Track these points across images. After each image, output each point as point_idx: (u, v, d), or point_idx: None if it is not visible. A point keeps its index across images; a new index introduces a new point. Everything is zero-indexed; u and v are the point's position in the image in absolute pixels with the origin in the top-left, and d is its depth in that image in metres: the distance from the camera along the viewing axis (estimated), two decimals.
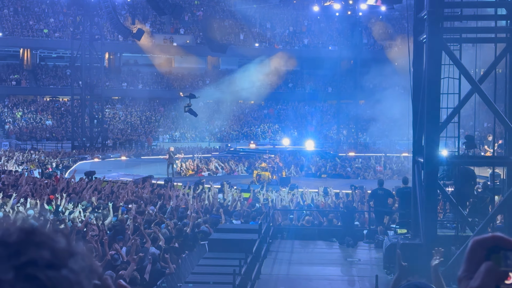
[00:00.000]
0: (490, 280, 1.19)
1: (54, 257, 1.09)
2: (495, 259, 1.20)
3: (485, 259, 1.21)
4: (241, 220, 17.41)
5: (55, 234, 1.13)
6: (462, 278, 1.24)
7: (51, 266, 1.08)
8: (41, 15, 57.61)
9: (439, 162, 12.43)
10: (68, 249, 1.12)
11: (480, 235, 1.24)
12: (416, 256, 12.21)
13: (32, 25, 56.36)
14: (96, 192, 20.21)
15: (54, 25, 57.09)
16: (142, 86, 58.25)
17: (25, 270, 1.06)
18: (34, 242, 1.09)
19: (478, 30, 13.62)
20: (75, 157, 40.51)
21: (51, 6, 58.24)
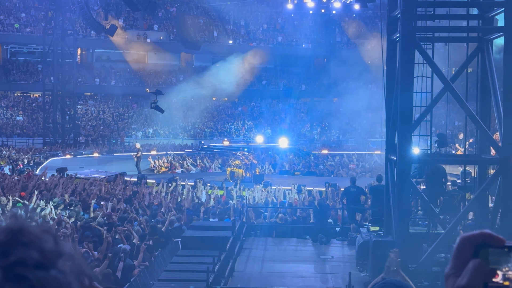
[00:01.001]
0: (478, 277, 1.19)
1: (42, 257, 1.08)
2: (483, 257, 1.20)
3: (473, 257, 1.21)
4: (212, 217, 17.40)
5: (43, 233, 1.11)
6: (450, 275, 1.24)
7: (40, 266, 1.06)
8: (12, 9, 56.82)
9: (412, 160, 12.54)
10: (56, 249, 1.11)
11: (468, 232, 1.24)
12: (388, 254, 12.31)
13: (2, 19, 55.58)
14: (68, 189, 20.02)
15: (25, 19, 56.37)
16: (115, 82, 57.83)
17: (13, 270, 1.04)
18: (22, 242, 1.08)
19: (451, 29, 13.76)
20: (46, 154, 40.05)
21: (22, 0, 57.47)
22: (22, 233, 1.09)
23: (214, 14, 62.05)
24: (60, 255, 1.10)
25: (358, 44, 58.94)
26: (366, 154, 38.79)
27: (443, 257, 12.18)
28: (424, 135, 13.49)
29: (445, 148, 15.19)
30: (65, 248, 1.13)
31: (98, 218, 15.02)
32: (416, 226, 13.44)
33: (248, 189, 22.69)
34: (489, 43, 12.76)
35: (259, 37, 61.65)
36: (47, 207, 16.35)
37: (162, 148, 45.13)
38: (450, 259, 1.26)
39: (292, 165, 35.24)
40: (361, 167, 34.39)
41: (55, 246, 1.11)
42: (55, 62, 46.85)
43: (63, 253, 1.11)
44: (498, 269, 1.19)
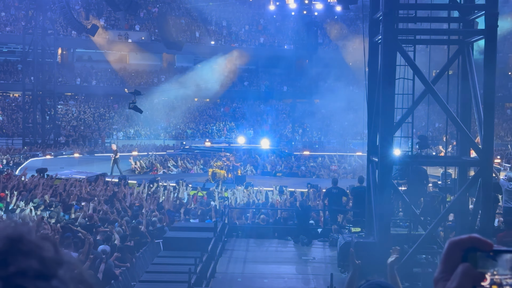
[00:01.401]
0: (467, 281, 1.19)
1: (43, 267, 1.05)
2: (472, 261, 1.21)
3: (462, 261, 1.22)
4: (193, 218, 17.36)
5: (43, 241, 1.08)
6: (439, 280, 1.25)
7: (41, 277, 1.03)
8: None
9: (393, 162, 12.61)
10: (57, 258, 1.08)
11: (457, 237, 1.25)
12: (370, 255, 12.35)
13: None
14: (48, 190, 19.86)
15: (5, 19, 55.85)
16: (96, 83, 57.50)
17: (13, 281, 1.01)
18: (22, 251, 1.05)
19: (432, 32, 13.85)
20: (26, 154, 39.73)
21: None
22: (21, 242, 1.06)
23: (196, 15, 61.95)
24: (61, 264, 1.08)
25: (340, 45, 59.16)
26: (347, 155, 38.93)
27: (424, 258, 12.26)
28: (406, 136, 13.57)
29: (426, 150, 15.28)
30: (66, 256, 1.10)
31: (79, 219, 14.92)
32: (397, 227, 13.51)
33: (230, 190, 22.68)
34: (469, 45, 12.87)
35: (241, 38, 61.66)
36: (27, 208, 16.21)
37: (144, 149, 44.95)
38: (439, 264, 1.26)
39: (273, 166, 35.28)
40: (343, 168, 34.51)
41: (55, 254, 1.08)
42: (35, 61, 46.48)
43: (64, 261, 1.09)
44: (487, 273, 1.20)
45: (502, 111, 57.63)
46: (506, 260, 1.20)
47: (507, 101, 59.40)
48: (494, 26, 11.81)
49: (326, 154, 39.77)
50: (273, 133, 51.37)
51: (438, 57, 15.59)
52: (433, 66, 14.26)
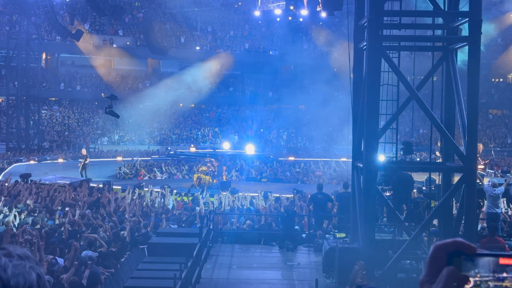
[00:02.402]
0: (452, 284, 1.23)
1: None
2: (456, 264, 1.24)
3: (447, 264, 1.25)
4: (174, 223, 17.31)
5: None
6: (425, 282, 1.28)
7: None
8: None
9: (378, 167, 12.67)
10: None
11: (442, 241, 1.28)
12: (354, 260, 12.39)
13: None
14: (32, 195, 19.73)
15: None
16: (80, 88, 57.24)
17: None
18: None
19: (416, 38, 13.97)
20: (9, 159, 39.44)
21: None
22: None
23: (181, 20, 61.92)
24: None
25: (325, 51, 59.37)
26: (332, 161, 39.03)
27: (408, 264, 12.32)
28: (390, 142, 13.65)
29: (411, 156, 15.37)
30: None
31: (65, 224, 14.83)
32: (382, 233, 13.57)
33: (215, 195, 22.66)
34: (453, 52, 12.98)
35: (227, 44, 61.69)
36: (11, 214, 16.08)
37: (128, 154, 44.80)
38: (424, 267, 1.30)
39: (259, 172, 35.29)
40: (328, 174, 34.60)
41: None
42: (19, 66, 46.22)
43: None
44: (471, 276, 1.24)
45: (486, 117, 58.10)
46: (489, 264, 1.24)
47: (490, 107, 59.91)
48: (478, 33, 11.93)
49: (311, 160, 39.84)
50: (258, 139, 51.40)
51: (422, 63, 15.68)
52: (417, 72, 14.36)
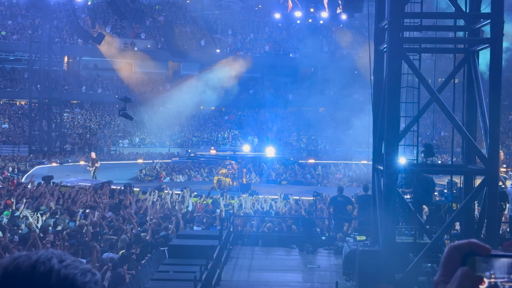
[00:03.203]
0: (466, 284, 1.23)
1: None
2: (471, 264, 1.25)
3: (461, 264, 1.26)
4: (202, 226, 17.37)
5: None
6: (439, 283, 1.29)
7: None
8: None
9: (398, 170, 12.60)
10: None
11: (457, 241, 1.29)
12: (375, 263, 12.35)
13: None
14: (54, 197, 19.91)
15: (12, 27, 56.12)
16: (101, 91, 57.66)
17: None
18: None
19: (437, 40, 13.88)
20: (32, 162, 39.84)
21: (9, 8, 57.23)
22: None
23: (201, 23, 62.15)
24: None
25: (345, 54, 59.24)
26: (352, 163, 38.91)
27: (429, 267, 12.23)
28: (411, 145, 13.57)
29: (432, 158, 15.27)
30: None
31: (86, 226, 14.95)
32: (403, 235, 13.49)
33: (235, 198, 22.70)
34: (475, 54, 12.89)
35: (247, 46, 61.79)
36: (35, 215, 16.26)
37: (149, 157, 45.03)
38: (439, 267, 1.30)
39: (278, 174, 35.28)
40: (348, 177, 34.49)
41: None
42: (41, 69, 46.69)
43: None
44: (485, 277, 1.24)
45: (508, 120, 57.56)
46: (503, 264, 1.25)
47: None
48: (500, 35, 11.83)
49: (331, 162, 39.76)
50: (278, 141, 51.40)
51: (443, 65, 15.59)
52: (438, 74, 14.27)
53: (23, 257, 1.44)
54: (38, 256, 1.44)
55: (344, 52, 60.02)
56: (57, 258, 1.44)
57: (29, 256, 1.44)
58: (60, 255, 1.46)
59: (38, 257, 1.43)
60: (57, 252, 1.47)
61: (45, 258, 1.44)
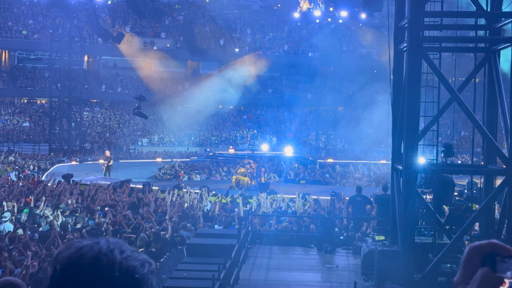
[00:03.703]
0: (486, 285, 1.22)
1: None
2: (491, 265, 1.24)
3: (482, 265, 1.25)
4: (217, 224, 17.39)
5: None
6: (459, 283, 1.28)
7: None
8: (20, 16, 57.10)
9: (418, 170, 12.53)
10: None
11: (477, 242, 1.28)
12: (393, 263, 12.29)
13: (10, 26, 55.84)
14: (74, 195, 20.05)
15: (33, 26, 56.63)
16: (121, 90, 57.99)
17: None
18: None
19: (458, 39, 13.77)
20: (52, 160, 40.16)
21: (30, 7, 57.76)
22: None
23: (220, 22, 62.24)
24: None
25: (364, 53, 59.01)
26: (371, 163, 38.76)
27: (449, 268, 12.15)
28: (431, 145, 13.49)
29: (452, 158, 15.17)
30: None
31: (104, 225, 15.04)
32: (422, 236, 13.41)
33: (254, 197, 22.70)
34: (496, 53, 12.78)
35: (266, 45, 61.79)
36: (54, 213, 16.38)
37: (168, 156, 45.20)
38: (458, 268, 1.29)
39: (297, 174, 35.24)
40: (367, 176, 34.36)
41: None
42: (62, 69, 47.04)
43: None
44: (506, 277, 1.23)
45: None
46: None
47: None
48: None
49: (350, 162, 39.63)
50: (296, 141, 51.33)
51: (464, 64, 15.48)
52: (459, 74, 14.17)
53: (86, 247, 1.45)
54: (100, 247, 1.45)
55: (363, 51, 59.79)
56: (118, 249, 1.46)
57: (92, 246, 1.46)
58: (120, 246, 1.48)
59: (100, 248, 1.45)
60: (114, 241, 1.49)
61: (107, 249, 1.45)
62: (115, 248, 1.46)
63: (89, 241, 1.47)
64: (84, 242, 1.47)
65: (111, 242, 1.48)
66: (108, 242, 1.47)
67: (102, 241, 1.47)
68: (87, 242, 1.47)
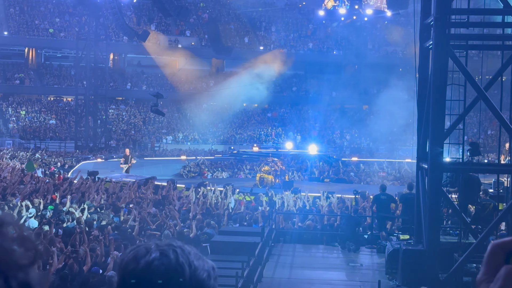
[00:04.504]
0: (510, 283, 1.20)
1: None
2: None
3: (505, 263, 1.22)
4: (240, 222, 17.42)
5: None
6: (482, 281, 1.26)
7: None
8: (47, 14, 57.69)
9: (444, 169, 12.42)
10: None
11: (500, 239, 1.25)
12: (418, 263, 12.21)
13: (37, 24, 56.45)
14: (99, 193, 20.22)
15: (59, 24, 57.17)
16: (146, 87, 58.29)
17: None
18: None
19: (485, 37, 13.62)
20: (78, 157, 40.52)
21: (57, 5, 58.33)
22: None
23: (245, 20, 62.26)
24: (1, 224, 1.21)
25: (390, 51, 58.62)
26: (396, 161, 38.50)
27: (474, 267, 12.03)
28: (456, 143, 13.36)
29: (478, 157, 15.01)
30: (7, 218, 1.22)
31: (129, 221, 15.14)
32: (447, 235, 13.30)
33: (277, 195, 22.68)
34: None
35: (290, 43, 61.68)
36: (79, 210, 16.54)
37: (192, 153, 45.35)
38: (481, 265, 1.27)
39: (321, 172, 35.14)
40: (392, 175, 34.15)
41: None
42: (88, 66, 47.46)
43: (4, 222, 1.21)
44: None
45: None
46: None
47: None
48: None
49: (375, 160, 39.42)
50: (321, 139, 51.17)
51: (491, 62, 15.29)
52: (486, 72, 14.01)
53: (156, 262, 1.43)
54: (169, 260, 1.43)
55: (388, 49, 59.38)
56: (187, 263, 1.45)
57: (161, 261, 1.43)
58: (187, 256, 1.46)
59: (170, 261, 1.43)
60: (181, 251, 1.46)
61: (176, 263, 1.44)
62: (184, 263, 1.44)
63: (157, 253, 1.44)
64: (153, 255, 1.43)
65: (179, 253, 1.45)
66: (176, 253, 1.45)
67: (170, 252, 1.44)
68: (156, 255, 1.43)
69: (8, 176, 23.40)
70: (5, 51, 56.98)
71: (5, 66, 56.38)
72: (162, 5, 40.51)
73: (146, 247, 1.47)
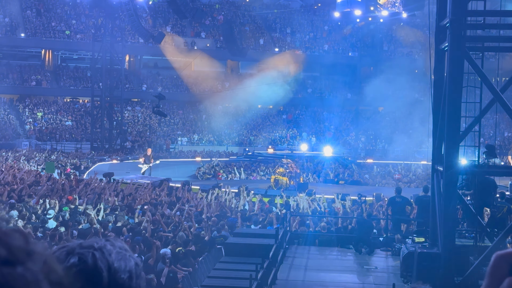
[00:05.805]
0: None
1: (10, 254, 1.09)
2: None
3: (509, 274, 1.21)
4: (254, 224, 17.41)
5: (13, 232, 1.13)
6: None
7: (6, 263, 1.07)
8: (63, 16, 58.08)
9: (459, 171, 12.34)
10: (26, 248, 1.12)
11: (503, 250, 1.24)
12: (434, 266, 12.13)
13: (54, 26, 56.84)
14: (115, 194, 20.30)
15: (76, 26, 57.53)
16: (161, 89, 58.46)
17: None
18: None
19: (501, 39, 13.52)
20: (93, 158, 40.71)
21: (73, 7, 58.70)
22: None
23: (260, 22, 62.30)
24: (30, 254, 1.12)
25: (405, 53, 58.38)
26: (412, 164, 38.32)
27: None
28: (472, 146, 13.27)
29: (494, 160, 14.90)
30: (37, 247, 1.14)
31: (143, 223, 15.19)
32: (463, 238, 13.21)
33: (292, 197, 22.65)
34: None
35: (305, 45, 61.63)
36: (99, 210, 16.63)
37: (207, 155, 45.42)
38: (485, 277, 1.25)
39: (336, 174, 35.05)
40: (407, 177, 33.99)
41: (24, 244, 1.12)
42: (103, 68, 47.69)
43: (33, 252, 1.13)
44: None
45: None
46: None
47: None
48: None
49: (390, 163, 39.26)
50: (336, 141, 51.05)
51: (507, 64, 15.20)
52: (502, 73, 13.92)
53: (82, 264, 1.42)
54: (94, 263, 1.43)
55: (404, 51, 59.15)
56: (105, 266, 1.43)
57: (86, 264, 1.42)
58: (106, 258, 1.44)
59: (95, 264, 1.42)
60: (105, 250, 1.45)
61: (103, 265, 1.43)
62: (103, 268, 1.42)
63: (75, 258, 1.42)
64: (72, 260, 1.42)
65: (98, 257, 1.43)
66: (95, 258, 1.43)
67: (89, 257, 1.43)
68: (74, 261, 1.42)
69: (25, 177, 23.55)
70: (22, 53, 57.42)
71: (22, 68, 56.80)
72: (178, 7, 40.63)
73: (68, 250, 1.45)
